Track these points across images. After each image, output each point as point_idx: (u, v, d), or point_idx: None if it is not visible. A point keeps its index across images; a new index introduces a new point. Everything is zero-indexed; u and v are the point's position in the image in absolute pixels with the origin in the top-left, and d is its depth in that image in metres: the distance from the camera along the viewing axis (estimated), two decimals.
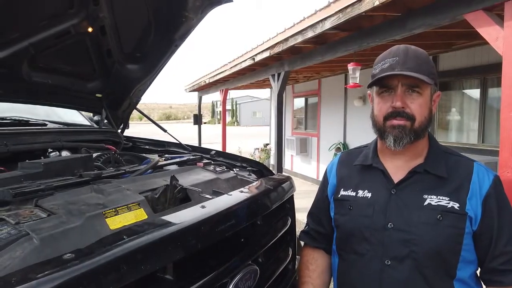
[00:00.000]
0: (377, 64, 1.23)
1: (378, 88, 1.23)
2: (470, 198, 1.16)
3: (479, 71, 5.32)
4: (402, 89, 1.17)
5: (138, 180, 1.44)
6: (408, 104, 1.18)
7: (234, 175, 1.81)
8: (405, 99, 1.18)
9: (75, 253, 0.82)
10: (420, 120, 1.18)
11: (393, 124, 1.19)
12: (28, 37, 1.86)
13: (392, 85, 1.18)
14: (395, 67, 1.16)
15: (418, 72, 1.15)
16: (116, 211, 1.14)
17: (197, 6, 2.18)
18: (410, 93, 1.18)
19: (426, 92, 1.19)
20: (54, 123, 2.48)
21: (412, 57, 1.17)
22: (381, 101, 1.22)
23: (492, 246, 1.16)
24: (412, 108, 1.18)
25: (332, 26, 3.79)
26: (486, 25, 2.58)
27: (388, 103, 1.20)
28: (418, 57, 1.19)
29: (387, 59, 1.19)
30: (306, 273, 1.42)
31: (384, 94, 1.21)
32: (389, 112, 1.19)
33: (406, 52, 1.18)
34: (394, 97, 1.18)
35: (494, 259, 1.16)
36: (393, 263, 1.18)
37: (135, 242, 0.90)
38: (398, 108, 1.17)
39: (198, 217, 1.11)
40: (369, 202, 1.25)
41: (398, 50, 1.19)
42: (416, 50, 1.21)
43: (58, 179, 1.27)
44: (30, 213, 1.02)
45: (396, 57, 1.17)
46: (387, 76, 1.17)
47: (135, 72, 2.42)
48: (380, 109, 1.22)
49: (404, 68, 1.15)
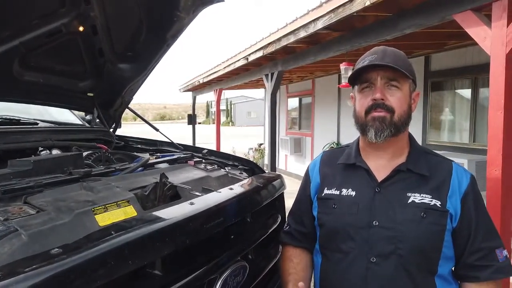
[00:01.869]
0: (358, 64, 1.28)
1: (359, 85, 1.28)
2: (451, 196, 1.20)
3: (470, 71, 5.37)
4: (382, 82, 1.22)
5: (128, 178, 1.45)
6: (387, 97, 1.22)
7: (224, 173, 1.83)
8: (385, 93, 1.22)
9: (62, 248, 0.83)
10: (399, 113, 1.22)
11: (374, 116, 1.23)
12: (19, 36, 1.86)
13: (372, 79, 1.23)
14: (373, 62, 1.21)
15: (396, 65, 1.19)
16: (105, 208, 1.15)
17: (189, 5, 2.19)
18: (389, 88, 1.23)
19: (404, 87, 1.24)
20: (46, 122, 2.48)
21: (390, 54, 1.23)
22: (362, 96, 1.27)
23: (469, 242, 1.20)
24: (391, 100, 1.22)
25: (324, 26, 3.81)
26: (475, 25, 2.62)
27: (368, 98, 1.24)
28: (395, 54, 1.25)
29: (367, 57, 1.25)
30: (290, 265, 1.42)
31: (365, 90, 1.26)
32: (369, 105, 1.23)
33: (385, 50, 1.25)
34: (374, 90, 1.23)
35: (471, 255, 1.20)
36: (378, 260, 1.20)
37: (122, 237, 0.91)
38: (378, 99, 1.21)
39: (187, 214, 1.12)
40: (353, 200, 1.27)
41: (377, 49, 1.26)
42: (394, 49, 1.27)
43: (48, 177, 1.28)
44: (19, 210, 1.03)
45: (374, 55, 1.24)
46: (366, 70, 1.23)
47: (127, 71, 2.43)
48: (362, 104, 1.26)
49: (382, 61, 1.20)
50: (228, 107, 62.99)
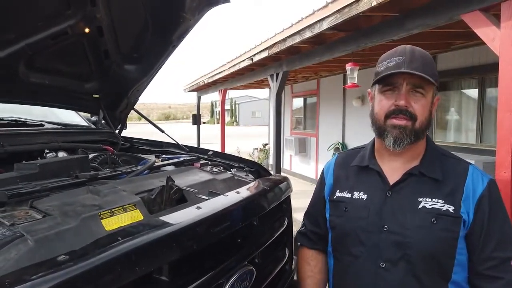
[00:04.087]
0: (382, 62, 1.22)
1: (382, 86, 1.22)
2: (464, 201, 1.16)
3: (477, 71, 5.32)
4: (407, 88, 1.17)
5: (134, 181, 1.44)
6: (411, 104, 1.17)
7: (231, 176, 1.81)
8: (409, 99, 1.17)
9: (69, 255, 0.82)
10: (421, 120, 1.18)
11: (394, 124, 1.18)
12: (25, 38, 1.86)
13: (397, 83, 1.18)
14: (401, 66, 1.15)
15: (424, 72, 1.14)
16: (111, 212, 1.14)
17: (195, 6, 2.18)
18: (414, 94, 1.18)
19: (429, 94, 1.19)
20: (51, 124, 2.48)
21: (418, 57, 1.17)
22: (383, 98, 1.21)
23: (479, 249, 1.15)
24: (415, 108, 1.17)
25: (330, 26, 3.79)
26: (483, 25, 2.58)
27: (391, 101, 1.19)
28: (423, 58, 1.18)
29: (393, 57, 1.19)
30: (307, 268, 1.42)
31: (387, 93, 1.21)
32: (391, 110, 1.19)
33: (413, 52, 1.18)
34: (398, 96, 1.18)
35: (481, 263, 1.15)
36: (388, 265, 1.18)
37: (129, 243, 0.90)
38: (402, 106, 1.17)
39: (194, 218, 1.11)
40: (364, 204, 1.25)
41: (405, 50, 1.19)
42: (422, 51, 1.21)
43: (54, 180, 1.27)
44: (25, 215, 1.02)
45: (402, 56, 1.17)
46: (393, 74, 1.17)
47: (132, 72, 2.43)
48: (382, 106, 1.21)
49: (410, 67, 1.15)
50: (233, 107, 62.99)
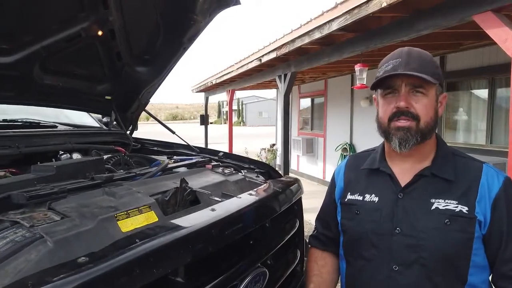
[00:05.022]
0: (381, 66, 1.22)
1: (382, 90, 1.23)
2: (479, 201, 1.14)
3: (487, 71, 5.28)
4: (406, 89, 1.17)
5: (149, 183, 1.45)
6: (412, 104, 1.17)
7: (242, 177, 1.82)
8: (410, 100, 1.17)
9: (89, 257, 0.83)
10: (425, 120, 1.17)
11: (397, 126, 1.18)
12: (40, 41, 1.89)
13: (396, 85, 1.18)
14: (398, 68, 1.16)
15: (421, 72, 1.14)
16: (127, 214, 1.16)
17: (205, 9, 2.19)
18: (414, 94, 1.17)
19: (430, 93, 1.18)
20: (64, 125, 2.51)
21: (415, 58, 1.17)
22: (385, 102, 1.22)
23: (501, 250, 1.13)
24: (416, 108, 1.17)
25: (339, 27, 3.79)
26: (495, 26, 2.57)
27: (392, 104, 1.19)
28: (421, 57, 1.18)
29: (391, 60, 1.19)
30: (314, 267, 1.41)
31: (388, 96, 1.21)
32: (393, 112, 1.18)
33: (409, 53, 1.18)
34: (398, 98, 1.18)
35: (504, 264, 1.14)
36: (401, 268, 1.17)
37: (147, 245, 0.92)
38: (402, 108, 1.16)
39: (209, 220, 1.12)
40: (376, 206, 1.24)
41: (402, 52, 1.20)
42: (420, 51, 1.21)
43: (71, 182, 1.29)
44: (44, 216, 1.03)
45: (399, 59, 1.17)
46: (390, 77, 1.17)
47: (144, 74, 2.45)
48: (385, 110, 1.21)
49: (407, 68, 1.15)
50: (240, 107, 63.06)
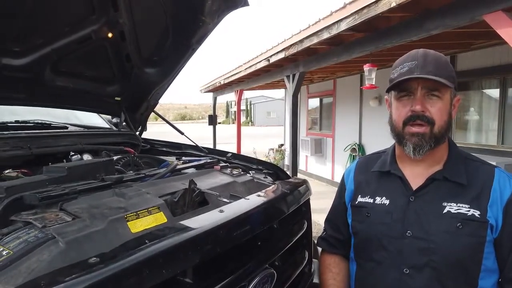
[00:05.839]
0: (395, 68, 1.21)
1: (397, 92, 1.22)
2: (491, 206, 1.14)
3: (498, 71, 5.22)
4: (422, 92, 1.16)
5: (158, 184, 1.47)
6: (428, 108, 1.16)
7: (250, 178, 1.83)
8: (425, 103, 1.16)
9: (99, 257, 0.85)
10: (440, 124, 1.17)
11: (412, 132, 1.18)
12: (51, 43, 1.92)
13: (412, 88, 1.17)
14: (414, 71, 1.15)
15: (438, 75, 1.13)
16: (137, 215, 1.17)
17: (214, 10, 2.21)
18: (430, 97, 1.16)
19: (446, 96, 1.18)
20: (75, 126, 2.54)
21: (431, 60, 1.16)
22: (400, 105, 1.21)
23: (511, 254, 1.13)
24: (432, 112, 1.16)
25: (348, 27, 3.77)
26: (506, 25, 2.54)
27: (407, 107, 1.18)
28: (437, 60, 1.17)
29: (406, 63, 1.18)
30: (330, 276, 1.41)
31: (403, 99, 1.20)
32: (408, 116, 1.18)
33: (425, 56, 1.17)
34: (414, 101, 1.17)
35: None
36: (412, 271, 1.16)
37: (157, 246, 0.93)
38: (418, 112, 1.16)
39: (217, 222, 1.13)
40: (387, 209, 1.24)
41: (417, 54, 1.18)
42: (435, 54, 1.20)
43: (82, 183, 1.31)
44: (55, 217, 1.05)
45: (415, 61, 1.16)
46: (406, 80, 1.16)
47: (153, 75, 2.47)
48: (400, 113, 1.20)
49: (423, 71, 1.14)
50: (248, 107, 63.08)
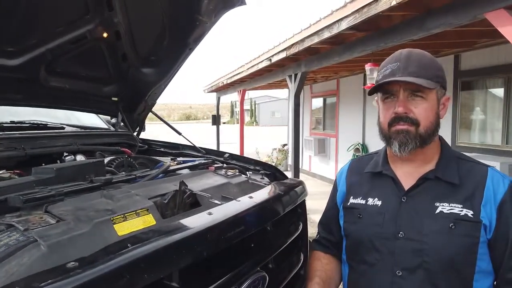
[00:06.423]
0: (380, 70, 1.21)
1: (382, 94, 1.22)
2: (485, 205, 1.12)
3: (503, 70, 5.17)
4: (405, 94, 1.15)
5: (148, 185, 1.45)
6: (411, 109, 1.15)
7: (245, 180, 1.81)
8: (408, 104, 1.15)
9: (78, 262, 0.83)
10: (425, 124, 1.15)
11: (397, 129, 1.17)
12: (46, 43, 1.90)
13: (394, 91, 1.17)
14: (396, 73, 1.14)
15: (420, 76, 1.12)
16: (124, 217, 1.15)
17: (211, 9, 2.18)
18: (413, 98, 1.15)
19: (430, 96, 1.16)
20: (72, 127, 2.53)
21: (414, 61, 1.15)
22: (385, 107, 1.21)
23: (507, 255, 1.11)
24: (416, 112, 1.15)
25: (348, 26, 3.74)
26: (508, 23, 2.50)
27: (391, 110, 1.18)
28: (420, 61, 1.16)
29: (389, 64, 1.17)
30: (318, 264, 1.38)
31: (387, 101, 1.20)
32: (392, 118, 1.17)
33: (408, 56, 1.16)
34: (397, 103, 1.16)
35: (510, 269, 1.11)
36: (404, 273, 1.15)
37: (138, 250, 0.91)
38: (400, 114, 1.15)
39: (204, 225, 1.11)
40: (379, 210, 1.23)
41: (400, 55, 1.17)
42: (420, 53, 1.19)
43: (69, 185, 1.29)
44: (39, 219, 1.04)
45: (397, 63, 1.15)
46: (387, 83, 1.15)
47: (150, 75, 2.45)
48: (385, 115, 1.20)
49: (405, 73, 1.13)
50: (252, 107, 63.07)
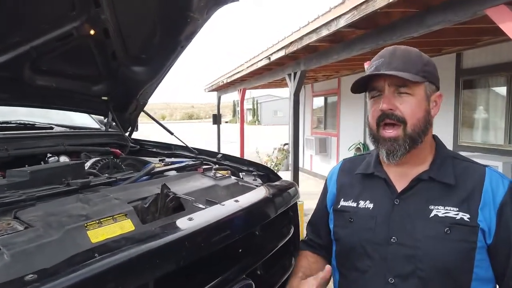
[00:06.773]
0: (368, 68, 1.17)
1: (369, 92, 1.17)
2: (483, 208, 1.05)
3: (505, 68, 5.09)
4: (390, 90, 1.10)
5: (130, 188, 1.38)
6: (397, 106, 1.10)
7: (234, 182, 1.74)
8: (394, 101, 1.10)
9: (38, 274, 0.77)
10: (412, 122, 1.10)
11: (385, 137, 1.12)
12: (30, 41, 1.84)
13: (379, 86, 1.12)
14: (380, 69, 1.10)
15: (404, 70, 1.07)
16: (99, 223, 1.09)
17: (202, 6, 2.12)
18: (399, 95, 1.10)
19: (418, 92, 1.10)
20: (61, 127, 2.47)
21: (399, 56, 1.11)
22: (372, 105, 1.16)
23: (510, 261, 1.04)
24: (401, 109, 1.10)
25: (347, 23, 3.68)
26: (509, 20, 2.43)
27: (377, 107, 1.13)
28: (405, 56, 1.12)
29: (374, 61, 1.14)
30: (304, 261, 1.32)
31: (375, 98, 1.15)
32: (378, 116, 1.12)
33: (393, 52, 1.13)
34: (381, 99, 1.11)
35: None
36: (397, 281, 1.08)
37: (107, 260, 0.84)
38: (385, 110, 1.10)
39: (183, 231, 1.05)
40: (371, 213, 1.17)
41: (385, 52, 1.14)
42: (406, 49, 1.14)
43: (43, 189, 1.22)
44: (6, 226, 0.97)
45: (382, 59, 1.12)
46: (370, 79, 1.12)
47: (141, 74, 2.39)
48: (372, 114, 1.15)
49: (389, 68, 1.08)
50: (255, 106, 62.93)
